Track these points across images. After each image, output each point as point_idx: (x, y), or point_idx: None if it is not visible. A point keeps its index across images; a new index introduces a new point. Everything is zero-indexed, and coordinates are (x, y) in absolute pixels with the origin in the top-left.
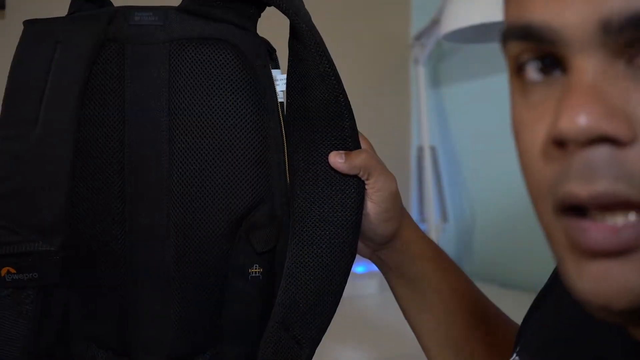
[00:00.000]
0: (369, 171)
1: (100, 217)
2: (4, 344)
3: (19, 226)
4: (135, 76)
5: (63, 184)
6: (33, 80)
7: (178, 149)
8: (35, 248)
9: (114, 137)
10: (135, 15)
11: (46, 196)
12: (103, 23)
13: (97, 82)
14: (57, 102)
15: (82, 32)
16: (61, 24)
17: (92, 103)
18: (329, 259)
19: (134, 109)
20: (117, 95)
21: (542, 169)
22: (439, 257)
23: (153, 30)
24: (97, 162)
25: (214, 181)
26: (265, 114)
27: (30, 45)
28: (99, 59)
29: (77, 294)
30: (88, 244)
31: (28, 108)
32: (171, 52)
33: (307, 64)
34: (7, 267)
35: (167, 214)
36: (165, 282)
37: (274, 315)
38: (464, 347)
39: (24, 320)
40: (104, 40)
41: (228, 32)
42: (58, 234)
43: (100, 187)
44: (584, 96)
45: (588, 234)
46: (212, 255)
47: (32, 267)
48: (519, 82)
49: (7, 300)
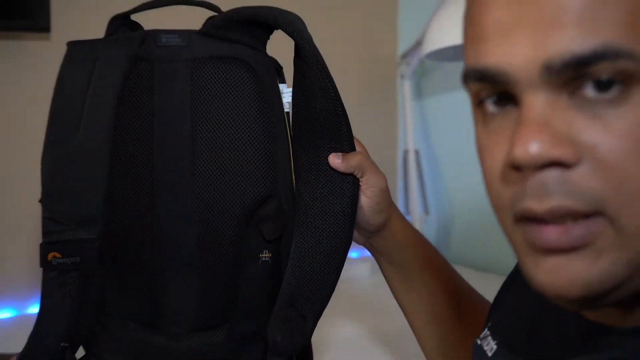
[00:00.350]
0: (362, 170)
1: (133, 210)
2: (52, 318)
3: (63, 218)
4: (163, 89)
5: (101, 182)
6: (75, 93)
7: (199, 151)
8: (77, 236)
9: (144, 142)
10: (162, 37)
11: (86, 193)
12: (135, 44)
13: (130, 95)
14: (95, 111)
15: (118, 52)
16: (100, 45)
17: (126, 112)
18: (329, 246)
19: (162, 118)
20: (147, 105)
21: (502, 188)
22: (422, 244)
23: (178, 50)
24: (130, 163)
25: (229, 179)
26: (273, 121)
27: (73, 62)
28: (132, 75)
29: (112, 276)
30: (122, 233)
31: (71, 116)
32: (193, 69)
33: (310, 79)
34: (53, 252)
35: (190, 207)
36: (188, 265)
37: (282, 294)
38: (444, 322)
39: (68, 298)
40: (136, 59)
41: (242, 52)
42: (96, 224)
43: (133, 184)
44: (533, 127)
45: (543, 234)
46: (228, 242)
47: (74, 253)
48: (480, 113)
49: (54, 281)
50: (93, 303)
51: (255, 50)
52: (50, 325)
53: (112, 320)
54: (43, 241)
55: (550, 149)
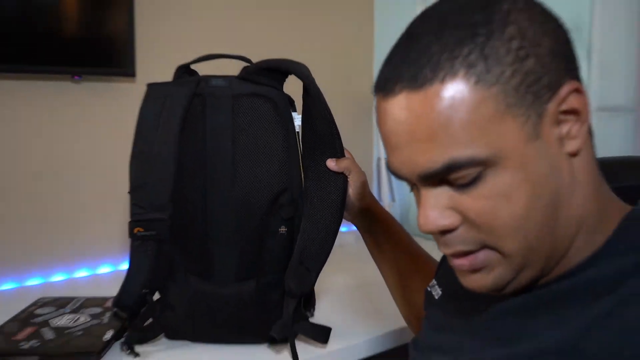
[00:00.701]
0: (349, 170)
1: (191, 200)
2: (136, 272)
3: (144, 204)
4: (212, 116)
5: (170, 180)
6: (152, 119)
7: (237, 160)
8: (154, 217)
9: (199, 153)
10: (212, 80)
11: (159, 188)
12: (193, 85)
13: (189, 120)
14: (165, 131)
15: (181, 90)
16: (169, 86)
17: (186, 132)
18: (326, 222)
19: (211, 137)
20: (201, 128)
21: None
22: (391, 221)
23: (222, 90)
24: (189, 168)
25: (258, 178)
26: (288, 138)
27: (151, 98)
28: (191, 107)
29: (177, 244)
30: (184, 215)
31: (149, 135)
32: (233, 103)
33: (314, 109)
34: (137, 227)
35: (231, 198)
36: (230, 236)
37: (294, 255)
38: (405, 275)
39: (148, 259)
40: (194, 96)
41: (267, 91)
42: (166, 209)
43: (191, 183)
44: (426, 209)
45: (456, 263)
46: (257, 222)
47: (151, 228)
48: None
49: (138, 247)
50: (165, 262)
51: (276, 89)
52: (135, 277)
53: (178, 274)
54: (130, 220)
55: (439, 221)
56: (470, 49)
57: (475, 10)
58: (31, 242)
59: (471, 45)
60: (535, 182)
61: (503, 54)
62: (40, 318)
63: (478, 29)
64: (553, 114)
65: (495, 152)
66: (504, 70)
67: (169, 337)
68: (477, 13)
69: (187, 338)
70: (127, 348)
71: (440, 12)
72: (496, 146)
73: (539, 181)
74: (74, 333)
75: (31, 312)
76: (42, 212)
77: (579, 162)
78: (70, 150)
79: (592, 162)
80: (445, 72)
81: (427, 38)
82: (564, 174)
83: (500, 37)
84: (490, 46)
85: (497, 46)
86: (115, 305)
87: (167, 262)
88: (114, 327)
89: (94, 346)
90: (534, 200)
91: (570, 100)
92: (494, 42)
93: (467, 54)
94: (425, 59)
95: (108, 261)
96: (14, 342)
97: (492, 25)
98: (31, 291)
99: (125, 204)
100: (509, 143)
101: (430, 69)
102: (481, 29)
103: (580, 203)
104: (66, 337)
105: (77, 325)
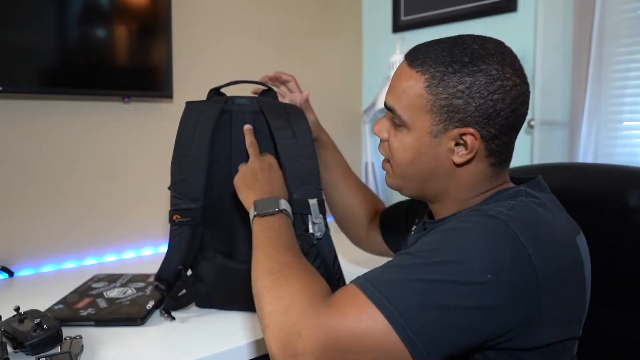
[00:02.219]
0: (312, 119)
1: (220, 194)
2: (174, 252)
3: (181, 196)
4: (237, 128)
5: (202, 177)
6: (189, 129)
7: None
8: (189, 206)
9: (226, 157)
10: (237, 99)
11: (195, 182)
12: (222, 103)
13: (218, 131)
14: (200, 139)
15: (213, 107)
16: (202, 104)
17: (216, 140)
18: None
19: (236, 144)
20: (228, 137)
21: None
22: (336, 150)
23: (245, 107)
24: (218, 168)
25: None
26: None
27: (188, 113)
28: (220, 120)
29: (208, 228)
30: (214, 205)
31: (186, 142)
32: (254, 117)
33: None
34: (176, 215)
35: None
36: (249, 223)
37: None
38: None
39: (184, 240)
40: (222, 111)
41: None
42: (200, 200)
43: (220, 180)
44: (380, 121)
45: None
46: None
47: (187, 215)
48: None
49: (176, 231)
50: (197, 243)
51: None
52: (173, 256)
53: (207, 253)
54: (171, 209)
55: (380, 130)
56: (441, 70)
57: (467, 54)
58: (88, 230)
59: (443, 68)
60: (420, 153)
61: (451, 86)
62: (96, 291)
63: (456, 65)
64: (454, 135)
65: (411, 123)
66: (442, 93)
67: (199, 306)
68: (468, 57)
69: (213, 306)
70: (165, 312)
71: (460, 39)
72: (412, 121)
73: (422, 155)
74: (123, 302)
75: (89, 285)
76: (97, 206)
77: (461, 169)
78: (120, 157)
79: (480, 170)
80: (423, 69)
81: (441, 45)
82: (442, 164)
83: (459, 78)
84: (450, 77)
85: (453, 79)
86: (157, 278)
87: (199, 243)
88: (154, 298)
89: (139, 313)
90: (415, 162)
91: (466, 137)
92: (454, 77)
93: (438, 70)
94: (427, 54)
95: (150, 244)
96: (76, 310)
97: (464, 69)
98: (88, 269)
99: (162, 200)
100: (419, 126)
101: (421, 61)
102: (456, 66)
103: (451, 184)
104: (116, 305)
105: (125, 297)
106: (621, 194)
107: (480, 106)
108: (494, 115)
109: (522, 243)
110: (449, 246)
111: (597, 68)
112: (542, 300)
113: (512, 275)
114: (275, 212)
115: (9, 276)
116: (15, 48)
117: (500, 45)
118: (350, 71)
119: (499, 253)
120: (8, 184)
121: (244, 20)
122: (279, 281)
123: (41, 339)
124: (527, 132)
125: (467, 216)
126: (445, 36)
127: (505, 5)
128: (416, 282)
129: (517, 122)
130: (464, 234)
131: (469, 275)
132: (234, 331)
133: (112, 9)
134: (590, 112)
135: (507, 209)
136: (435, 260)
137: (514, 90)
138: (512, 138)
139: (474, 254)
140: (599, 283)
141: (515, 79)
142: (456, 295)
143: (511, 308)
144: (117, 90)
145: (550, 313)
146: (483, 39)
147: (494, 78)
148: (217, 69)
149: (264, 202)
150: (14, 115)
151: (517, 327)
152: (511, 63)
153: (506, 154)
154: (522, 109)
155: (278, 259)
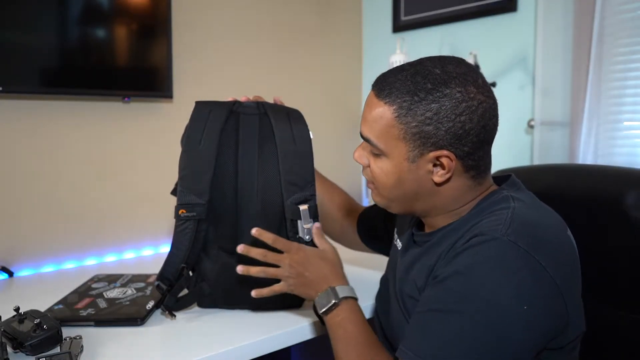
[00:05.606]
0: None
1: (225, 190)
2: (177, 249)
3: (189, 190)
4: (244, 128)
5: (209, 173)
6: (199, 126)
7: (262, 159)
8: (195, 201)
9: (233, 154)
10: (245, 103)
11: (201, 177)
12: (231, 105)
13: (226, 131)
14: (208, 137)
15: (221, 108)
16: (212, 104)
17: (224, 140)
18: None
19: (242, 144)
20: (234, 137)
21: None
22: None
23: (252, 109)
24: (225, 165)
25: (276, 174)
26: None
27: (198, 111)
28: (228, 120)
29: (212, 224)
30: (219, 202)
31: (196, 138)
32: (259, 119)
33: None
34: (182, 209)
35: (257, 188)
36: (254, 219)
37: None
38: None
39: (188, 236)
40: (230, 112)
41: None
42: (205, 195)
43: (226, 176)
44: (358, 149)
45: (368, 186)
46: (276, 210)
47: (193, 210)
48: None
49: (181, 226)
50: (201, 240)
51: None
52: (177, 254)
53: (211, 250)
54: (177, 204)
55: (360, 157)
56: (407, 100)
57: (430, 80)
58: (88, 230)
59: (409, 98)
60: (401, 178)
61: (420, 114)
62: (96, 291)
63: (420, 93)
64: (431, 158)
65: (387, 151)
66: (412, 121)
67: (201, 306)
68: (431, 84)
69: (215, 304)
70: (167, 310)
71: (421, 65)
72: (389, 149)
73: (403, 179)
74: (122, 303)
75: (89, 286)
76: (97, 206)
77: (443, 187)
78: (119, 156)
79: (462, 184)
80: (390, 99)
81: (404, 74)
82: (424, 185)
83: (426, 105)
84: (417, 105)
85: (420, 108)
86: (159, 277)
87: (203, 240)
88: (154, 298)
89: (139, 313)
90: (397, 185)
91: (442, 159)
92: (420, 105)
93: (404, 100)
94: (392, 84)
95: (150, 244)
96: (75, 310)
97: (429, 96)
98: (88, 269)
99: (162, 200)
100: (396, 153)
101: (388, 92)
102: (421, 94)
103: (437, 201)
104: (116, 306)
105: (125, 297)
106: (619, 195)
107: (450, 129)
108: (464, 135)
109: (534, 258)
110: (477, 297)
111: (597, 68)
112: (566, 302)
113: (539, 292)
114: (338, 304)
115: (9, 276)
116: (16, 48)
117: (461, 64)
118: (350, 71)
119: (520, 279)
120: (8, 184)
121: (243, 21)
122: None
123: (41, 339)
124: (527, 133)
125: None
126: (440, 36)
127: (505, 5)
128: (465, 344)
129: (489, 136)
130: (481, 272)
131: (507, 316)
132: (234, 331)
133: (112, 9)
134: (590, 112)
135: (505, 225)
136: (471, 313)
137: (480, 108)
138: (486, 150)
139: (501, 296)
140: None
141: (480, 97)
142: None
143: (549, 322)
144: (117, 90)
145: (572, 311)
146: (443, 61)
147: (459, 100)
148: (217, 69)
149: (322, 298)
150: (14, 115)
151: (555, 333)
152: (473, 81)
153: (484, 165)
154: (491, 123)
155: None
